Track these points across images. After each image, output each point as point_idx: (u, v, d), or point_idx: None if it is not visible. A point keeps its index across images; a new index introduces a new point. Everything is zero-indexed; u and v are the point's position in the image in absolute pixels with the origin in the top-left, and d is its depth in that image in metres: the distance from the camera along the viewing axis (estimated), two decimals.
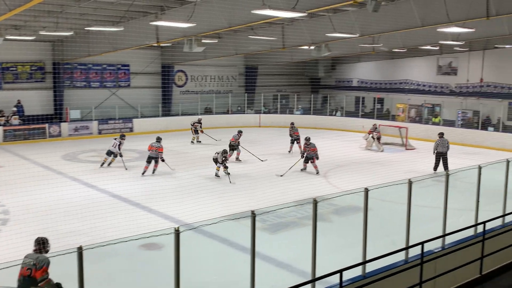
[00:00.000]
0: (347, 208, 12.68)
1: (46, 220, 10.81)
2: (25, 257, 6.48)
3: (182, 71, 31.31)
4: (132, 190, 14.16)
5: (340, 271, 6.17)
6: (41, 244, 6.65)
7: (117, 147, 17.97)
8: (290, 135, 21.96)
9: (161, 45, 23.92)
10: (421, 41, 22.85)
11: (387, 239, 9.72)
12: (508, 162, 9.75)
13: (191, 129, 24.01)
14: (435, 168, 17.23)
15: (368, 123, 26.27)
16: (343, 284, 6.26)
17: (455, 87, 30.30)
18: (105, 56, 24.55)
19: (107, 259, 9.02)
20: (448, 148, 17.47)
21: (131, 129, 26.89)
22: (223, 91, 33.19)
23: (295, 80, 35.86)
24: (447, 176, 8.44)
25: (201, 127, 24.06)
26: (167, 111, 29.15)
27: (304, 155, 17.59)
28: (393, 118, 30.19)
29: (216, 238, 10.39)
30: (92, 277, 5.68)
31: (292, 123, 22.45)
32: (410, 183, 7.75)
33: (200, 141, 23.89)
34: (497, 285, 8.06)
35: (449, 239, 8.33)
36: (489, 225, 8.56)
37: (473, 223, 8.76)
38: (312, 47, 21.68)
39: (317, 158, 17.29)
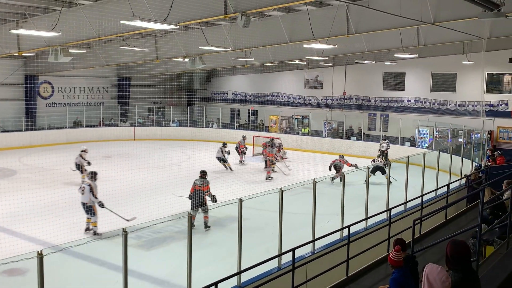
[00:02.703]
0: (224, 219, 12.80)
1: None
2: (195, 180, 12.60)
3: (47, 82, 29.28)
4: None
5: (216, 283, 6.19)
6: (203, 173, 12.80)
7: (220, 153, 20.33)
8: (241, 148, 22.46)
9: (23, 54, 22.22)
10: (290, 56, 24.02)
11: (261, 247, 9.98)
12: (368, 169, 10.58)
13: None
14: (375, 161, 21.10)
15: (245, 134, 26.88)
16: None
17: (322, 99, 32.28)
18: None
19: None
20: (387, 147, 22.46)
21: None
22: (94, 103, 31.70)
23: (171, 92, 35.54)
24: (315, 183, 8.89)
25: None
26: (31, 125, 26.99)
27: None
28: (267, 129, 31.28)
29: (86, 258, 9.89)
30: None
31: (244, 136, 23.28)
32: (281, 191, 8.03)
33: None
34: (361, 285, 8.62)
35: (318, 244, 8.75)
36: (353, 229, 9.13)
37: (339, 227, 9.31)
38: (186, 60, 21.68)
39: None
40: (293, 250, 7.55)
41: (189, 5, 12.56)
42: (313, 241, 8.61)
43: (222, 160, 20.81)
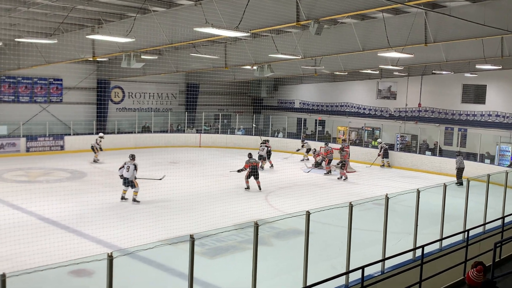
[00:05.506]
0: (288, 232, 12.44)
1: None
2: (249, 159, 17.82)
3: (119, 87, 30.18)
4: (62, 212, 13.22)
5: None
6: (250, 154, 18.22)
7: (264, 151, 22.19)
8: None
9: (97, 59, 23.07)
10: (362, 65, 23.28)
11: (327, 263, 9.57)
12: (445, 186, 9.87)
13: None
14: (458, 180, 19.16)
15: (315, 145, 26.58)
16: None
17: (394, 111, 31.18)
18: (36, 69, 23.23)
19: (34, 286, 8.28)
20: (462, 164, 20.98)
21: (62, 147, 25.56)
22: (162, 109, 32.40)
23: (237, 100, 35.70)
24: (387, 199, 8.38)
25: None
26: (102, 129, 27.78)
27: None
28: (334, 140, 30.58)
29: (152, 263, 9.91)
30: None
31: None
32: (351, 206, 7.61)
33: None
34: None
35: (389, 263, 8.25)
36: (427, 249, 8.54)
37: (411, 247, 8.74)
38: (254, 67, 21.63)
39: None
40: (362, 268, 7.11)
41: (262, 13, 12.39)
42: (383, 260, 8.11)
43: (262, 158, 21.88)
